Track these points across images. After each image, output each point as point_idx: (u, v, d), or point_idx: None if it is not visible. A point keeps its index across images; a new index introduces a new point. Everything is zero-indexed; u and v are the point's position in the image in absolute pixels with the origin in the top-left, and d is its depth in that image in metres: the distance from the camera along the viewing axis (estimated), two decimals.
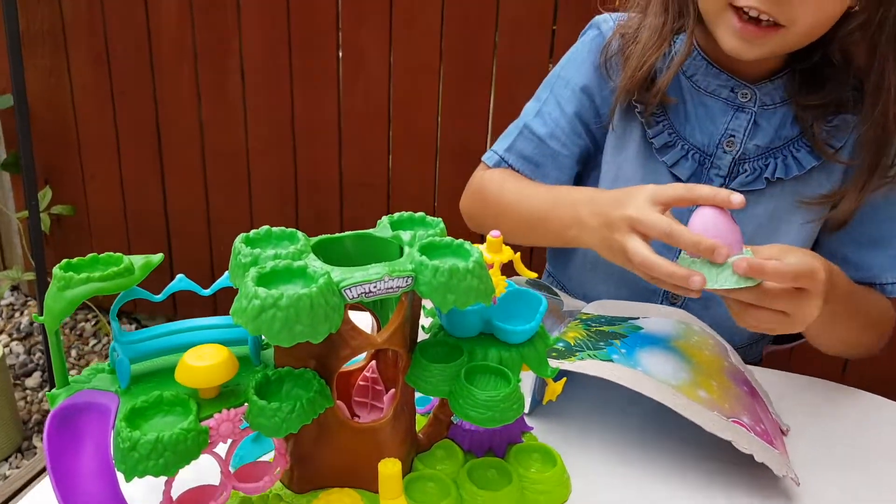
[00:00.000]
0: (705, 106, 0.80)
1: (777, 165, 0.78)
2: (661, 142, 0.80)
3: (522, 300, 0.59)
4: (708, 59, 0.80)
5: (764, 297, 0.60)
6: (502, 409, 0.51)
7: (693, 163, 0.80)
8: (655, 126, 0.81)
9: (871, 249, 0.79)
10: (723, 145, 0.79)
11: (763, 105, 0.79)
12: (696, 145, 0.80)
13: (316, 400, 0.48)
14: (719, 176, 0.80)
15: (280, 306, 0.42)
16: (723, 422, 0.60)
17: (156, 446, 0.43)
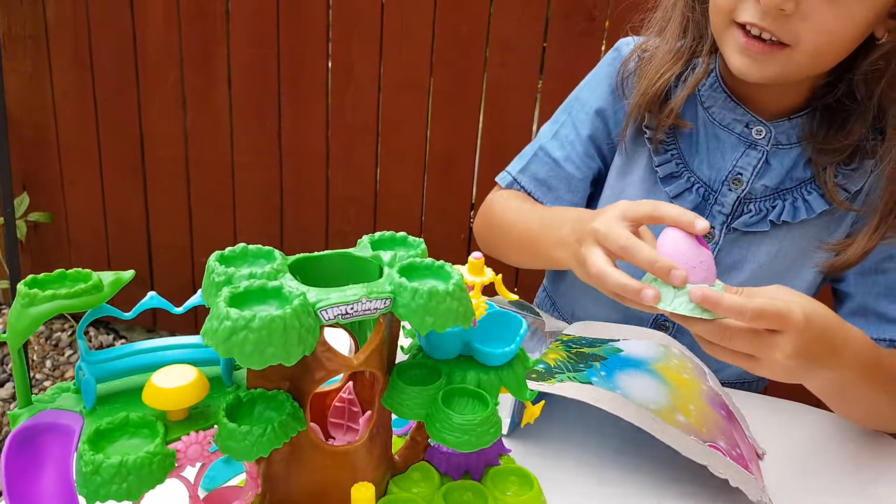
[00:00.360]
0: (718, 139, 0.78)
1: (785, 208, 0.75)
2: (667, 171, 0.79)
3: (503, 322, 0.59)
4: (727, 92, 0.78)
5: (718, 333, 0.57)
6: (479, 433, 0.50)
7: (697, 196, 0.78)
8: (664, 154, 0.79)
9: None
10: (729, 182, 0.77)
11: (777, 144, 0.76)
12: (702, 179, 0.78)
13: (288, 423, 0.47)
14: (722, 213, 0.78)
15: (252, 328, 0.41)
16: (699, 446, 0.60)
17: (119, 470, 0.41)
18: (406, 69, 1.69)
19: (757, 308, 0.55)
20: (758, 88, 0.76)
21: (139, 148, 1.92)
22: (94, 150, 1.95)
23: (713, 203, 0.78)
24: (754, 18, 0.65)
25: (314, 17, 1.69)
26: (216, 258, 0.48)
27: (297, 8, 1.69)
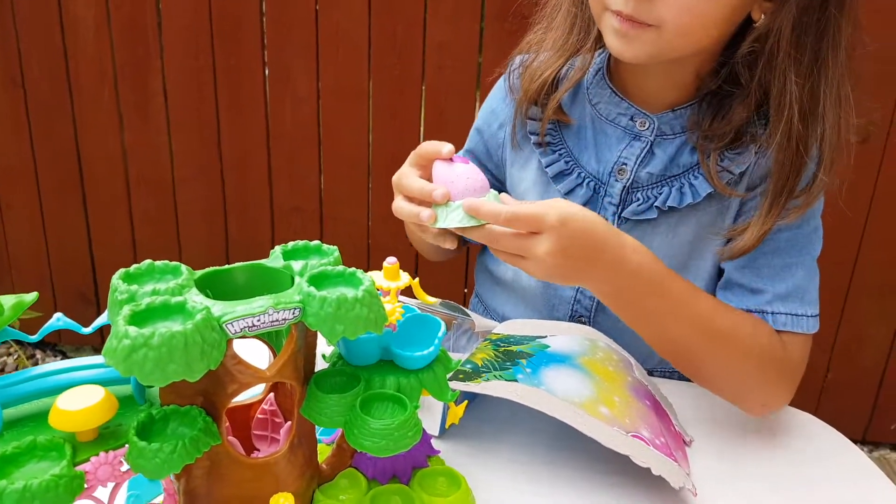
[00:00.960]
0: (605, 134, 0.80)
1: (671, 194, 0.76)
2: (557, 170, 0.80)
3: (422, 325, 0.59)
4: (612, 88, 0.80)
5: (487, 236, 0.65)
6: (397, 437, 0.51)
7: (588, 191, 0.80)
8: (551, 154, 0.81)
9: (768, 280, 0.74)
10: (615, 173, 0.79)
11: (662, 134, 0.77)
12: (591, 173, 0.80)
13: (200, 438, 0.47)
14: (612, 204, 0.79)
15: (151, 345, 0.41)
16: (622, 437, 0.61)
17: (24, 495, 0.41)
18: (344, 75, 1.69)
19: (510, 212, 0.63)
20: (643, 81, 0.78)
21: (77, 166, 1.88)
22: (30, 171, 1.91)
23: (603, 195, 0.79)
24: (619, 6, 0.67)
25: (248, 25, 1.68)
26: (120, 276, 0.48)
27: (231, 17, 1.68)
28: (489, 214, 0.63)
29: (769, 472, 0.68)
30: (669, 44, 0.68)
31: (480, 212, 0.63)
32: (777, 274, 0.74)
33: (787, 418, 0.77)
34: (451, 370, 0.59)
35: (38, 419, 0.47)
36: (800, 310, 0.74)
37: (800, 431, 0.75)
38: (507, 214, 0.62)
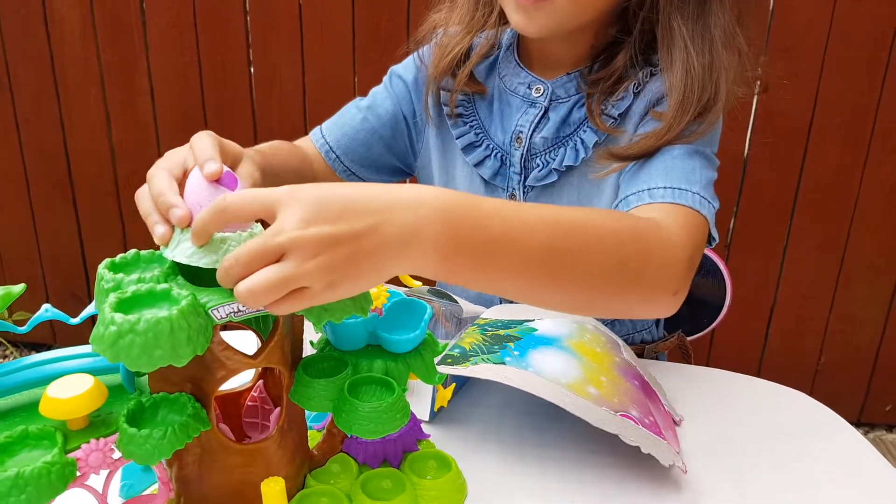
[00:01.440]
0: (509, 104, 0.81)
1: (566, 154, 0.76)
2: (467, 141, 0.81)
3: (408, 310, 0.60)
4: (517, 60, 0.82)
5: (224, 275, 0.44)
6: (385, 419, 0.51)
7: (496, 161, 0.80)
8: (462, 126, 0.82)
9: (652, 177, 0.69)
10: (513, 141, 0.79)
11: (556, 98, 0.78)
12: (498, 144, 0.80)
13: (189, 424, 0.47)
14: (515, 173, 0.79)
15: (137, 331, 0.42)
16: (610, 416, 0.62)
17: (16, 482, 0.41)
18: (329, 69, 1.69)
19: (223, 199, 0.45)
20: (547, 51, 0.79)
21: (66, 167, 1.88)
22: (19, 173, 1.90)
23: (509, 165, 0.80)
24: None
25: (232, 21, 1.68)
26: (105, 265, 0.48)
27: (215, 14, 1.68)
28: (206, 224, 0.45)
29: (760, 449, 0.69)
30: (567, 14, 0.69)
31: (204, 226, 0.45)
32: (652, 161, 0.71)
33: (779, 396, 0.78)
34: (438, 354, 0.59)
35: (28, 409, 0.48)
36: (684, 185, 0.67)
37: (791, 410, 0.76)
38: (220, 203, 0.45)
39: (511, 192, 0.82)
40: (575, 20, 0.71)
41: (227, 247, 0.48)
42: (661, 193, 0.66)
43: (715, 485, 0.63)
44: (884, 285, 1.75)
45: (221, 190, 0.51)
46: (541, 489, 0.62)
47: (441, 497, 0.58)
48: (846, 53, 1.57)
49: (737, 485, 0.63)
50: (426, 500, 0.57)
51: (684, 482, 0.63)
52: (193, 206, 0.49)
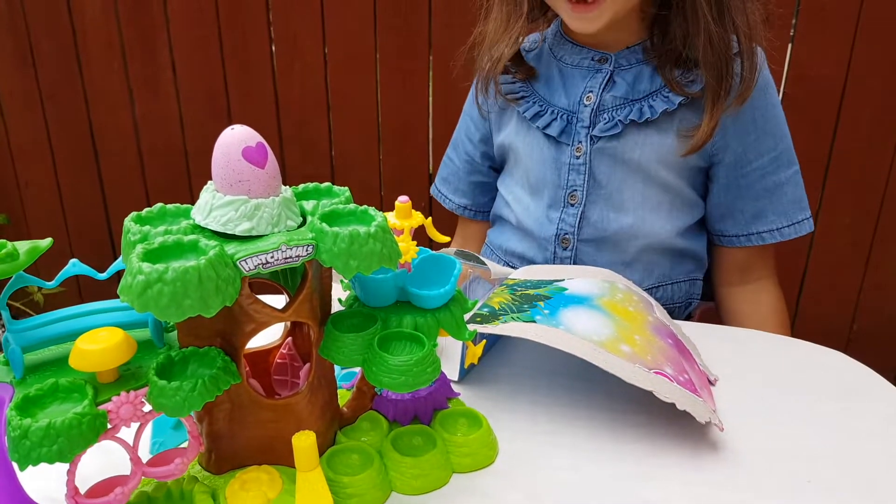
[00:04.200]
0: (572, 76, 0.88)
1: (633, 111, 0.83)
2: (532, 112, 0.88)
3: (438, 266, 0.59)
4: (571, 41, 0.89)
5: None
6: (416, 372, 0.51)
7: (562, 121, 0.87)
8: (524, 103, 0.89)
9: (755, 200, 0.85)
10: (583, 101, 0.86)
11: (619, 67, 0.85)
12: (562, 108, 0.87)
13: (219, 376, 0.47)
14: (583, 127, 0.86)
15: (166, 280, 0.41)
16: (644, 373, 0.60)
17: (48, 432, 0.41)
18: (350, 39, 1.67)
19: None
20: (597, 35, 0.85)
21: (90, 141, 1.89)
22: (45, 148, 1.92)
23: (576, 122, 0.86)
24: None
25: None
26: (132, 219, 0.48)
27: None
28: None
29: (797, 408, 0.67)
30: (619, 4, 0.78)
31: None
32: (769, 194, 0.84)
33: (816, 356, 0.76)
34: (467, 310, 0.58)
35: (58, 364, 0.48)
36: (800, 215, 0.84)
37: (828, 368, 0.73)
38: None
39: (577, 144, 0.87)
40: (626, 7, 0.79)
41: (261, 213, 0.47)
42: (787, 232, 0.85)
43: (753, 443, 0.61)
44: None
45: None
46: (573, 448, 0.60)
47: (472, 454, 0.57)
48: (881, 13, 1.52)
49: (776, 443, 0.62)
50: (457, 456, 0.57)
51: (721, 441, 0.62)
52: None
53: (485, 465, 0.58)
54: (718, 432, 0.62)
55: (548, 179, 0.88)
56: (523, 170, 0.92)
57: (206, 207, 0.47)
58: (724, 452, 0.60)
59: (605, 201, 0.86)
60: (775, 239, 0.84)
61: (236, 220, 0.47)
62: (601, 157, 0.85)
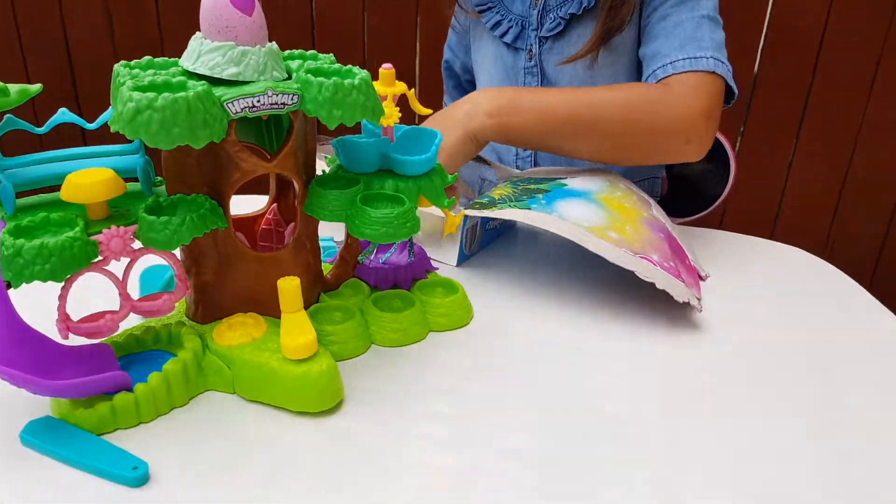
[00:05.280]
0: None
1: (572, 5, 0.85)
2: (493, 21, 0.93)
3: (420, 138, 0.61)
4: None
5: None
6: (396, 225, 0.53)
7: (517, 27, 0.91)
8: (488, 13, 0.94)
9: (663, 41, 0.81)
10: (532, 4, 0.90)
11: None
12: (517, 14, 0.92)
13: (207, 216, 0.49)
14: (533, 30, 0.90)
15: (155, 107, 0.43)
16: (629, 256, 0.63)
17: (41, 251, 0.43)
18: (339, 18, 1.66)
19: None
20: None
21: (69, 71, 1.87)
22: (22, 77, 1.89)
23: (528, 27, 0.91)
24: None
25: None
26: (121, 65, 0.49)
27: None
28: None
29: (784, 313, 0.68)
30: None
31: None
32: (669, 33, 0.80)
33: (806, 266, 0.78)
34: (448, 183, 0.60)
35: (49, 206, 0.49)
36: (698, 52, 0.77)
37: (818, 280, 0.75)
38: None
39: (529, 48, 0.91)
40: None
41: (248, 59, 0.48)
42: (681, 64, 0.78)
43: (732, 328, 0.64)
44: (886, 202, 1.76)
45: None
46: (546, 318, 0.63)
47: (448, 314, 0.60)
48: None
49: (753, 329, 0.64)
50: (434, 316, 0.60)
51: (700, 321, 0.64)
52: None
53: (460, 325, 0.60)
54: (697, 314, 0.65)
55: (506, 84, 0.93)
56: (487, 77, 0.97)
57: (193, 54, 0.49)
58: (705, 333, 0.63)
59: None
60: (667, 72, 0.78)
61: (223, 65, 0.48)
62: (549, 56, 0.89)
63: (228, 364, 0.51)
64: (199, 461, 0.45)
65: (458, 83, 1.10)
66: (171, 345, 0.53)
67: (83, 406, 0.47)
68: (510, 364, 0.56)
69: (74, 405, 0.47)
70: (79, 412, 0.46)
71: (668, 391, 0.54)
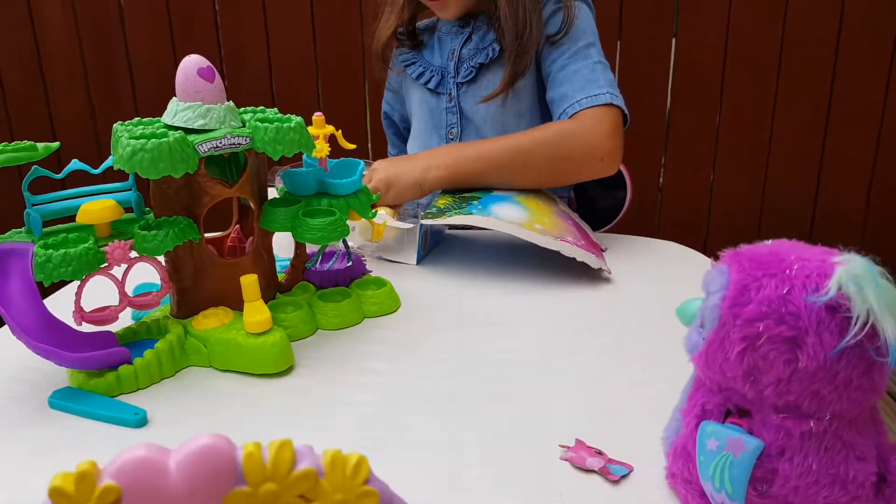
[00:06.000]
0: (445, 41, 1.12)
1: (481, 56, 1.06)
2: (417, 72, 1.13)
3: (347, 167, 0.78)
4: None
5: None
6: (329, 230, 0.70)
7: (437, 76, 1.11)
8: (413, 67, 1.13)
9: (567, 85, 1.00)
10: (449, 57, 1.10)
11: (477, 28, 1.08)
12: (438, 66, 1.11)
13: (185, 230, 0.65)
14: (451, 78, 1.09)
15: (146, 149, 0.60)
16: (552, 240, 0.83)
17: (65, 257, 0.59)
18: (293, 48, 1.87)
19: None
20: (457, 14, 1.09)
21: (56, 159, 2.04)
22: None
23: (447, 76, 1.10)
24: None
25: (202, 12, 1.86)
26: (118, 124, 0.66)
27: (186, 9, 1.86)
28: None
29: (666, 265, 0.88)
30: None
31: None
32: (570, 79, 1.00)
33: (683, 256, 0.96)
34: (372, 200, 0.78)
35: (67, 231, 0.65)
36: (596, 91, 0.97)
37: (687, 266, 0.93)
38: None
39: (449, 92, 1.10)
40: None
41: (212, 114, 0.66)
42: (585, 101, 0.98)
43: (632, 286, 0.83)
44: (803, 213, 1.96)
45: None
46: (475, 296, 0.80)
47: (379, 303, 0.76)
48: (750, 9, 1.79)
49: (646, 285, 0.82)
50: (368, 304, 0.76)
51: (607, 284, 0.83)
52: None
53: (390, 311, 0.76)
54: (608, 276, 0.84)
55: (432, 124, 1.12)
56: (417, 120, 1.16)
57: (171, 112, 0.66)
58: (611, 286, 0.80)
59: (476, 131, 1.09)
60: (575, 110, 0.96)
61: (193, 119, 0.65)
62: (466, 98, 1.08)
63: (205, 343, 0.66)
64: (185, 410, 0.60)
65: (397, 131, 1.29)
66: (160, 334, 0.68)
67: (95, 376, 0.62)
68: (430, 333, 0.72)
69: (88, 376, 0.62)
70: (92, 381, 0.61)
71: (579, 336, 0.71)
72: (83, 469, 0.26)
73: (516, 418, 0.57)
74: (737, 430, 0.40)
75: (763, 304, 0.37)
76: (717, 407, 0.42)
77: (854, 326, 0.35)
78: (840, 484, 0.38)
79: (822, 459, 0.38)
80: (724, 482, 0.39)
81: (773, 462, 0.39)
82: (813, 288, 0.37)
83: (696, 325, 0.43)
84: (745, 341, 0.38)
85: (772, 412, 0.39)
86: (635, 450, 0.52)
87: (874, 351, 0.36)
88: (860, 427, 0.39)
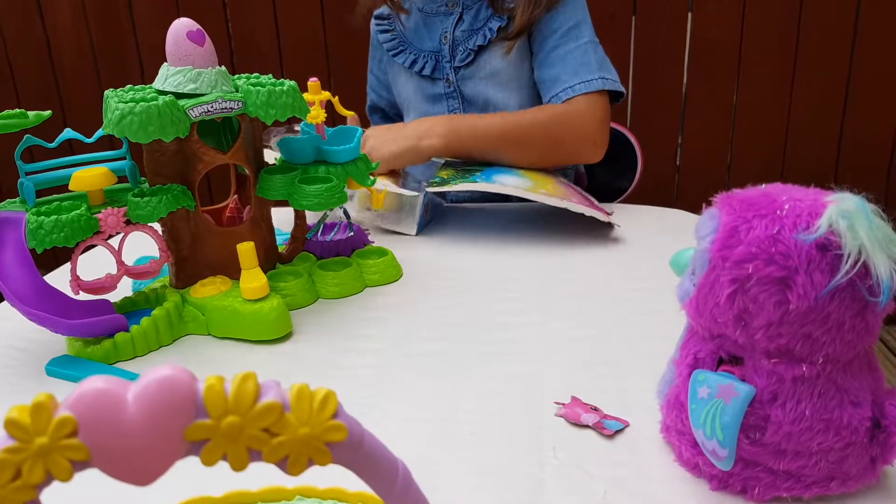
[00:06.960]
0: (433, 23, 1.08)
1: (478, 38, 1.03)
2: (409, 61, 1.10)
3: (345, 134, 0.77)
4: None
5: None
6: (326, 196, 0.69)
7: (431, 61, 1.08)
8: (401, 54, 1.10)
9: (559, 68, 1.00)
10: (442, 40, 1.07)
11: (467, 7, 1.05)
12: (430, 51, 1.08)
13: (179, 196, 0.65)
14: (447, 62, 1.07)
15: (136, 112, 0.59)
16: (558, 200, 0.84)
17: (57, 223, 0.59)
18: (303, 29, 1.87)
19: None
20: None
21: None
22: None
23: (442, 60, 1.07)
24: None
25: None
26: (110, 91, 0.66)
27: None
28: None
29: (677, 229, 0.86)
30: None
31: None
32: (562, 61, 1.00)
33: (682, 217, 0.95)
34: (371, 168, 0.77)
35: (60, 200, 0.65)
36: (588, 76, 0.98)
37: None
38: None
39: (446, 77, 1.07)
40: None
41: (202, 78, 0.65)
42: (578, 87, 0.98)
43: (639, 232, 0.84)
44: None
45: None
46: (487, 263, 0.79)
47: (380, 272, 0.75)
48: None
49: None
50: (369, 273, 0.75)
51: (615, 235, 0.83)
52: None
53: (391, 280, 0.76)
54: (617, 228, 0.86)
55: (433, 111, 1.10)
56: (414, 111, 1.13)
57: (162, 77, 0.66)
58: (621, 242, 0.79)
59: (480, 113, 1.06)
60: (568, 95, 0.97)
61: (184, 83, 0.65)
62: (465, 82, 1.06)
63: (202, 311, 0.66)
64: None
65: (384, 116, 1.26)
66: (158, 304, 0.68)
67: (92, 343, 0.62)
68: (431, 299, 0.71)
69: (85, 343, 0.62)
70: (89, 349, 0.62)
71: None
72: (39, 400, 0.25)
73: (513, 377, 0.57)
74: (728, 377, 0.39)
75: (752, 245, 0.36)
76: (709, 355, 0.41)
77: (845, 264, 0.34)
78: (834, 430, 0.37)
79: (816, 405, 0.37)
80: (714, 429, 0.38)
81: (766, 408, 0.37)
82: (803, 227, 0.35)
83: (687, 273, 0.42)
84: (734, 283, 0.37)
85: (763, 357, 0.38)
86: (632, 405, 0.51)
87: (867, 290, 0.35)
88: (854, 371, 0.37)
